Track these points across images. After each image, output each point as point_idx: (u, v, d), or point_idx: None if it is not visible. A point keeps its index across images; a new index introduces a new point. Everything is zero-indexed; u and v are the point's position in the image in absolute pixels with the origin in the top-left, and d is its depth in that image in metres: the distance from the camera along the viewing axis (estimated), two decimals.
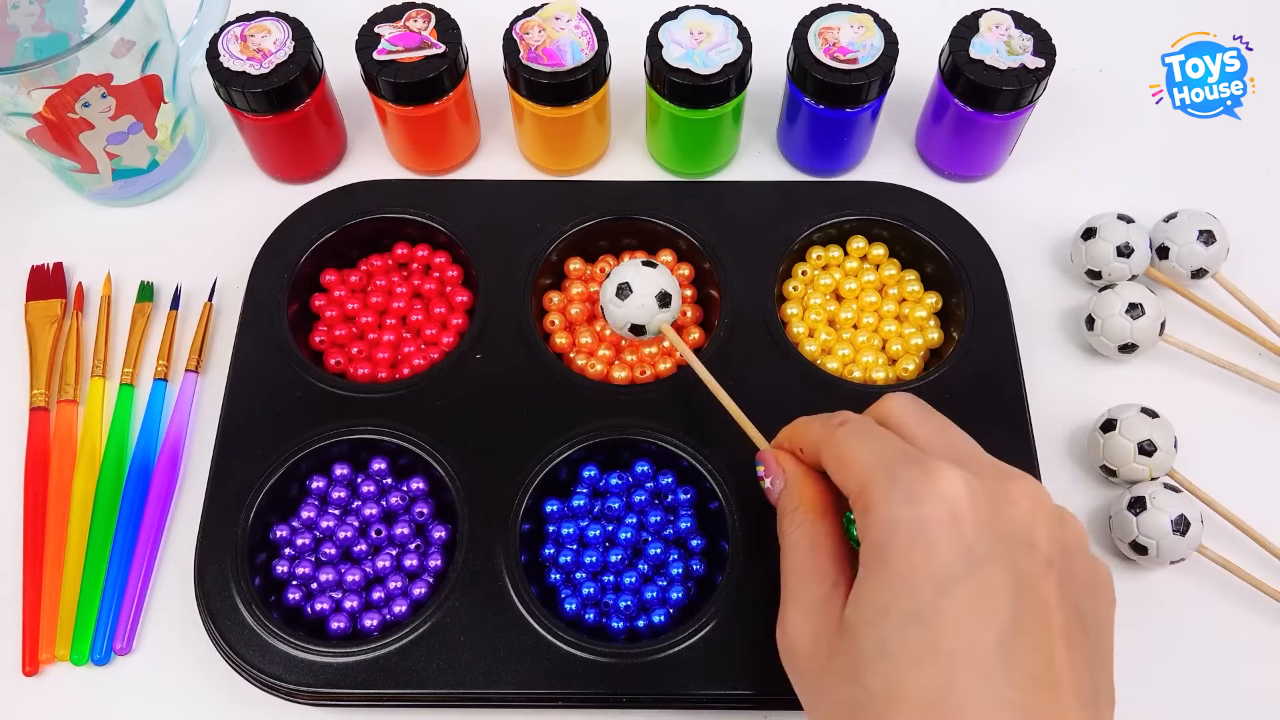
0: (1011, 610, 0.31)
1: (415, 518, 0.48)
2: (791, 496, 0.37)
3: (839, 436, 0.36)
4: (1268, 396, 0.53)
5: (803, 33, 0.53)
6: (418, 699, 0.44)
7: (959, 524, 0.31)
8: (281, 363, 0.50)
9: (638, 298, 0.46)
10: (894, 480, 0.32)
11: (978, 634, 0.30)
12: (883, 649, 0.31)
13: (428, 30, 0.53)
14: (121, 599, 0.47)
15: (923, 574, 0.31)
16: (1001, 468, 0.35)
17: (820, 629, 0.33)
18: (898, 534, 0.32)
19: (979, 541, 0.31)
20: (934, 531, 0.31)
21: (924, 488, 0.32)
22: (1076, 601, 0.33)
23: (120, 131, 0.53)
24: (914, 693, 0.30)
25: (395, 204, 0.54)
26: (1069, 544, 0.34)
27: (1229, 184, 0.60)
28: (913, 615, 0.31)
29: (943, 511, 0.31)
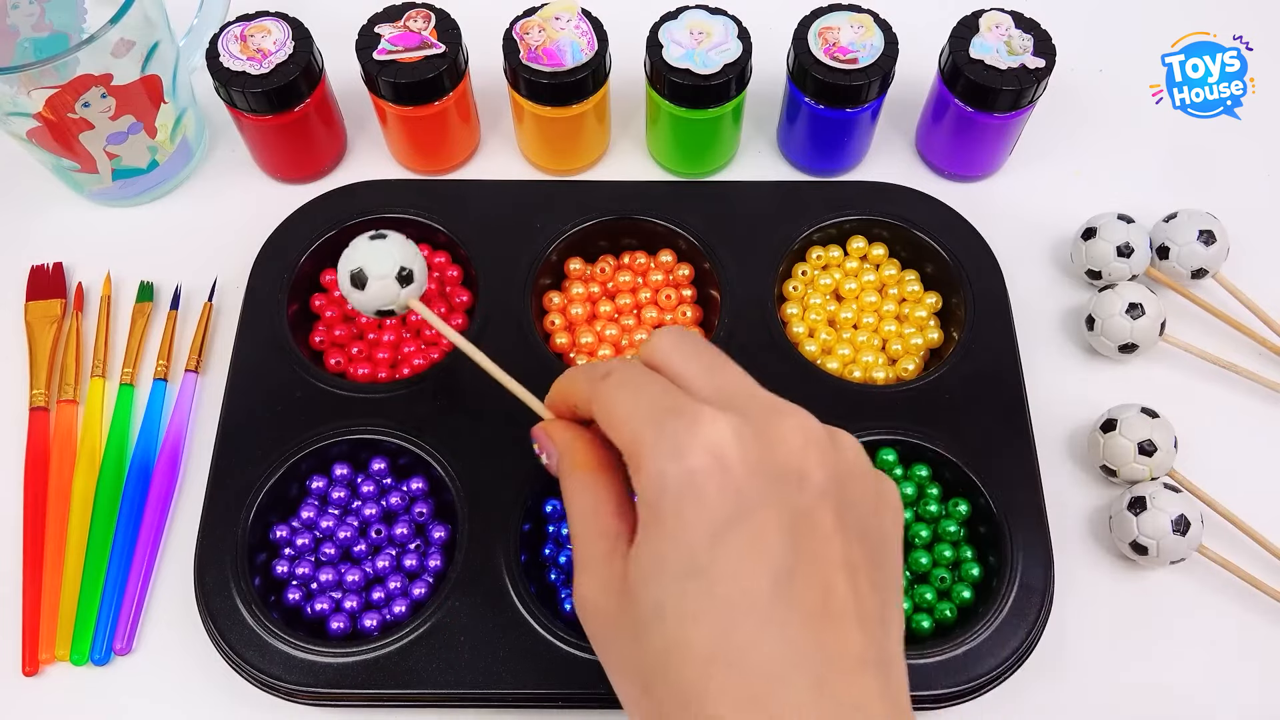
0: (786, 549, 0.30)
1: (415, 518, 0.48)
2: (567, 461, 0.36)
3: (604, 390, 0.34)
4: (1268, 396, 0.53)
5: (803, 33, 0.53)
6: (417, 699, 0.44)
7: (727, 471, 0.31)
8: (281, 363, 0.50)
9: (375, 281, 0.43)
10: (660, 433, 0.31)
11: (753, 579, 0.30)
12: (661, 604, 0.31)
13: (428, 30, 0.53)
14: (121, 599, 0.47)
15: (695, 526, 0.30)
16: (770, 403, 0.33)
17: (607, 588, 0.33)
18: (667, 489, 0.31)
19: (749, 485, 0.31)
20: (703, 482, 0.31)
21: (689, 438, 0.31)
22: (858, 525, 0.32)
23: (120, 131, 0.53)
24: (695, 647, 0.30)
25: (395, 204, 0.54)
26: (844, 467, 0.33)
27: (1229, 184, 0.60)
28: (688, 569, 0.30)
29: (710, 460, 0.31)
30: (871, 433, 0.49)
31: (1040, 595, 0.45)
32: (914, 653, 0.44)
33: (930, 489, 0.49)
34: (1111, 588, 0.49)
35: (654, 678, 0.31)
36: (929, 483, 0.49)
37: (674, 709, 0.30)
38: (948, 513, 0.48)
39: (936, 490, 0.49)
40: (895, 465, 0.49)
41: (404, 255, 0.44)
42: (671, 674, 0.30)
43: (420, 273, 0.44)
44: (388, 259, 0.43)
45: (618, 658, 0.33)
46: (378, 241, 0.44)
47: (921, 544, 0.47)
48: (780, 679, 0.29)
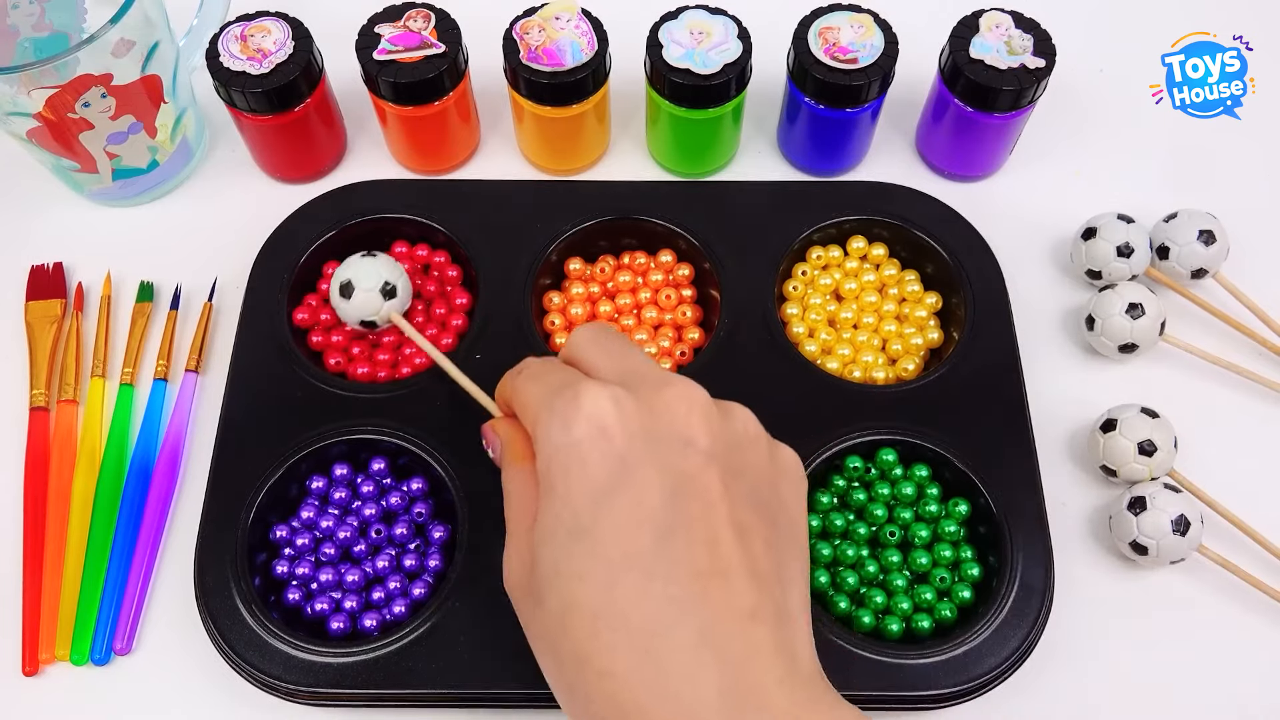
0: (668, 509, 0.32)
1: (414, 518, 0.48)
2: (507, 453, 0.38)
3: (517, 384, 0.37)
4: (1268, 396, 0.53)
5: (803, 33, 0.53)
6: (417, 699, 0.44)
7: (608, 438, 0.33)
8: (281, 363, 0.50)
9: (360, 293, 0.47)
10: (550, 410, 0.34)
11: (634, 538, 0.31)
12: (555, 569, 0.32)
13: (428, 30, 0.53)
14: (121, 599, 0.47)
15: (579, 491, 0.32)
16: (660, 377, 0.35)
17: (522, 561, 0.35)
18: (555, 459, 0.33)
19: (630, 450, 0.32)
20: (585, 450, 0.33)
21: (572, 411, 0.33)
22: (749, 489, 0.34)
23: (120, 131, 0.53)
24: (583, 604, 0.31)
25: (395, 204, 0.54)
26: (735, 436, 0.35)
27: (1229, 184, 0.60)
28: (575, 532, 0.32)
29: (591, 429, 0.33)
30: (871, 433, 0.49)
31: (1040, 595, 0.45)
32: (914, 653, 0.44)
33: (930, 489, 0.49)
34: (1111, 588, 0.49)
35: (555, 639, 0.33)
36: (929, 483, 0.49)
37: (572, 668, 0.32)
38: (948, 513, 0.48)
39: (936, 490, 0.49)
40: (895, 465, 0.49)
41: (390, 272, 0.48)
42: (567, 633, 0.32)
43: (404, 290, 0.49)
44: (374, 273, 0.48)
45: (532, 627, 0.34)
46: (367, 259, 0.49)
47: (921, 544, 0.47)
48: (663, 632, 0.31)
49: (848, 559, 0.47)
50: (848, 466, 0.49)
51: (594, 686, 0.31)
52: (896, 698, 0.44)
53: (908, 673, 0.43)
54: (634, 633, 0.31)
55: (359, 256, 0.49)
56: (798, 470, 0.37)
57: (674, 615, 0.31)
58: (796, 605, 0.34)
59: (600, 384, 0.34)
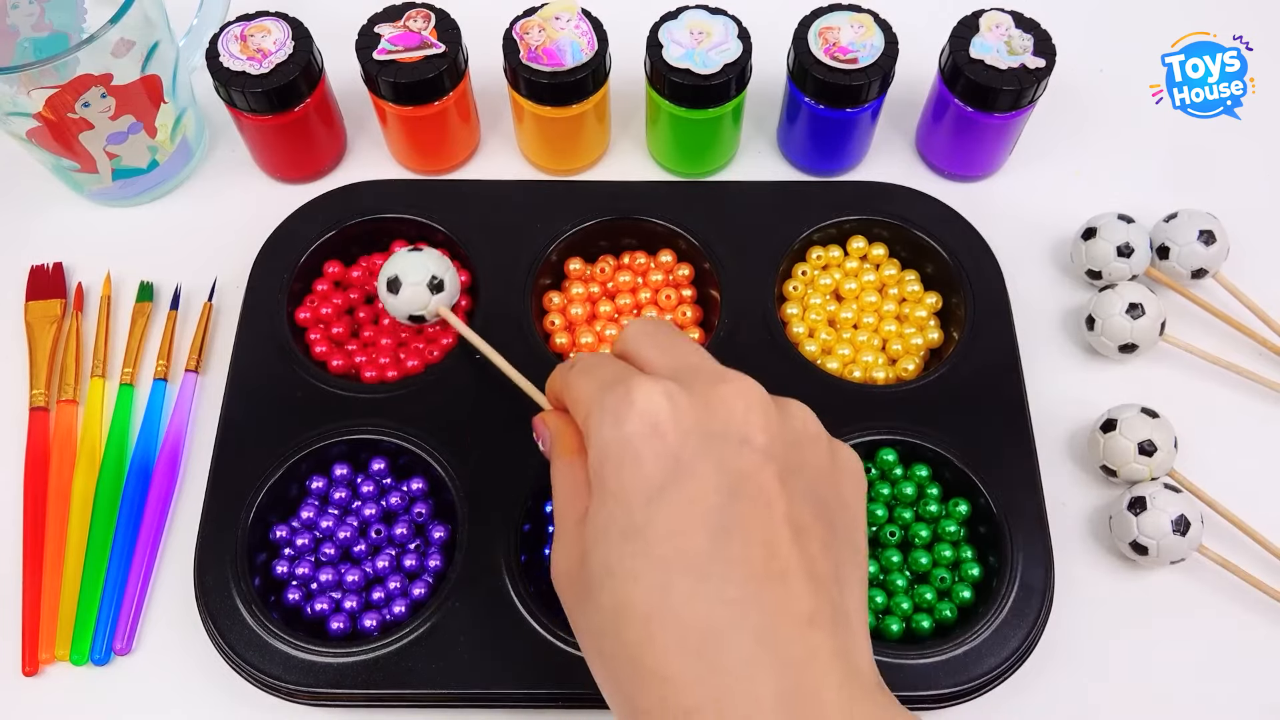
0: (724, 508, 0.31)
1: (414, 518, 0.48)
2: (556, 446, 0.37)
3: (569, 378, 0.36)
4: (1268, 396, 0.53)
5: (803, 33, 0.53)
6: (417, 699, 0.44)
7: (662, 434, 0.32)
8: (281, 363, 0.50)
9: (408, 287, 0.47)
10: (603, 407, 0.33)
11: (689, 538, 0.31)
12: (607, 568, 0.32)
13: (428, 30, 0.53)
14: (121, 599, 0.47)
15: (633, 489, 0.31)
16: (715, 372, 0.34)
17: (573, 557, 0.34)
18: (608, 456, 0.32)
19: (684, 447, 0.32)
20: (639, 446, 0.32)
21: (625, 407, 0.32)
22: (808, 488, 0.33)
23: (120, 131, 0.53)
24: (636, 606, 0.31)
25: (395, 204, 0.54)
26: (795, 433, 0.34)
27: (1229, 184, 0.60)
28: (628, 530, 0.31)
29: (645, 425, 0.32)
30: (871, 433, 0.49)
31: (1040, 595, 0.45)
32: (914, 653, 0.44)
33: (930, 489, 0.49)
34: (1111, 588, 0.49)
35: (605, 639, 0.32)
36: (929, 483, 0.49)
37: (624, 668, 0.31)
38: (948, 513, 0.48)
39: (936, 490, 0.49)
40: (895, 465, 0.49)
41: (437, 266, 0.48)
42: (619, 634, 0.31)
43: (451, 283, 0.48)
44: (421, 268, 0.47)
45: (580, 624, 0.34)
46: (414, 253, 0.48)
47: (921, 544, 0.47)
48: (719, 634, 0.30)
49: None
50: None
51: (645, 688, 0.30)
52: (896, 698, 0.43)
53: (908, 673, 0.43)
54: (688, 635, 0.30)
55: (405, 251, 0.48)
56: (858, 470, 0.36)
57: (729, 618, 0.30)
58: (855, 609, 0.33)
59: (654, 379, 0.33)
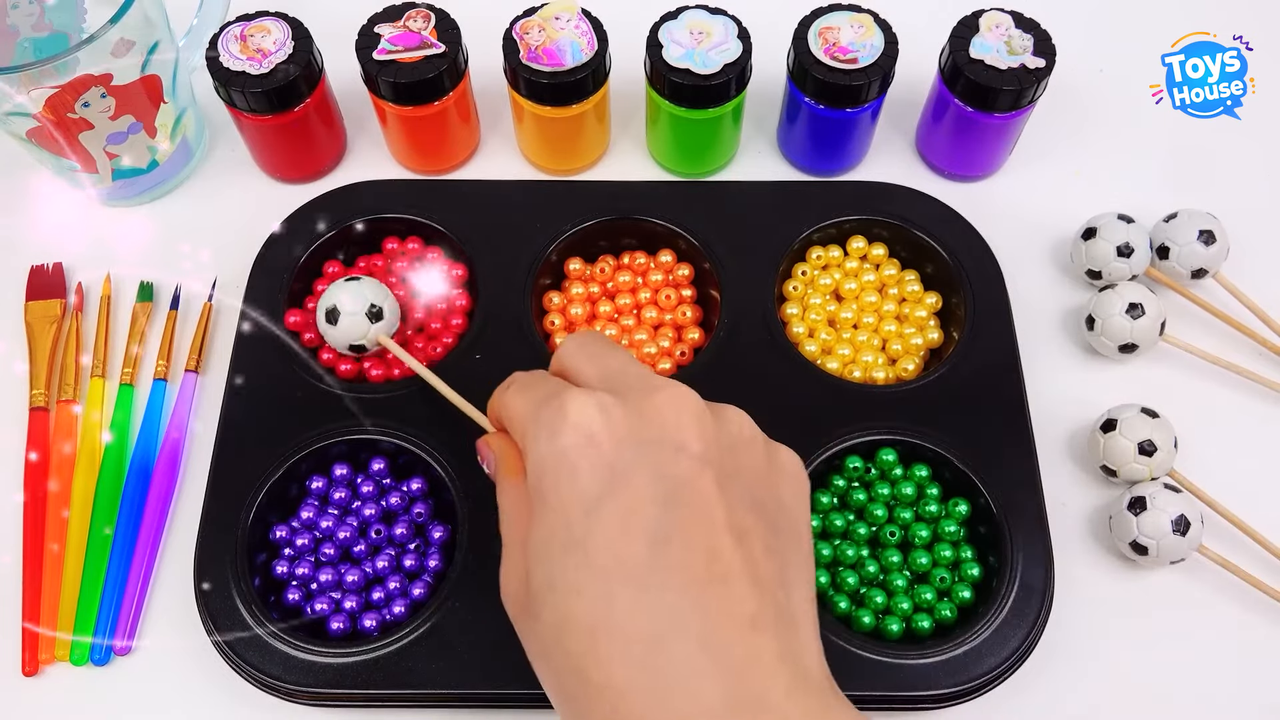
0: (662, 516, 0.31)
1: (414, 518, 0.48)
2: (500, 467, 0.38)
3: (504, 397, 0.37)
4: (1268, 396, 0.53)
5: (803, 33, 0.53)
6: (417, 699, 0.44)
7: (596, 445, 0.32)
8: (281, 363, 0.50)
9: (346, 317, 0.47)
10: (539, 421, 0.33)
11: (628, 547, 0.31)
12: (549, 583, 0.32)
13: (428, 30, 0.53)
14: (121, 599, 0.47)
15: (570, 502, 0.32)
16: (648, 382, 0.34)
17: (518, 575, 0.34)
18: (545, 470, 0.32)
19: (619, 457, 0.32)
20: (574, 459, 0.32)
21: (559, 420, 0.32)
22: (747, 492, 0.33)
23: (120, 131, 0.53)
24: (579, 618, 0.31)
25: (395, 204, 0.54)
26: (730, 438, 0.34)
27: (1229, 184, 0.60)
28: (568, 543, 0.31)
29: (579, 437, 0.32)
30: (871, 433, 0.49)
31: (1040, 595, 0.45)
32: (914, 653, 0.44)
33: (930, 489, 0.49)
34: (1111, 588, 0.49)
35: (552, 654, 0.32)
36: (929, 483, 0.49)
37: (572, 681, 0.31)
38: (948, 513, 0.48)
39: (936, 490, 0.49)
40: (895, 465, 0.49)
41: (375, 295, 0.48)
42: (564, 648, 0.31)
43: (390, 312, 0.48)
44: (359, 297, 0.48)
45: (528, 642, 0.34)
46: (351, 282, 0.48)
47: (921, 544, 0.47)
48: (662, 641, 0.30)
49: (848, 559, 0.47)
50: (848, 467, 0.49)
51: (593, 700, 0.30)
52: (896, 698, 0.44)
53: (908, 673, 0.43)
54: (631, 644, 0.30)
55: (342, 281, 0.48)
56: (798, 471, 0.36)
57: (672, 624, 0.30)
58: (801, 610, 0.33)
59: (586, 391, 0.33)
